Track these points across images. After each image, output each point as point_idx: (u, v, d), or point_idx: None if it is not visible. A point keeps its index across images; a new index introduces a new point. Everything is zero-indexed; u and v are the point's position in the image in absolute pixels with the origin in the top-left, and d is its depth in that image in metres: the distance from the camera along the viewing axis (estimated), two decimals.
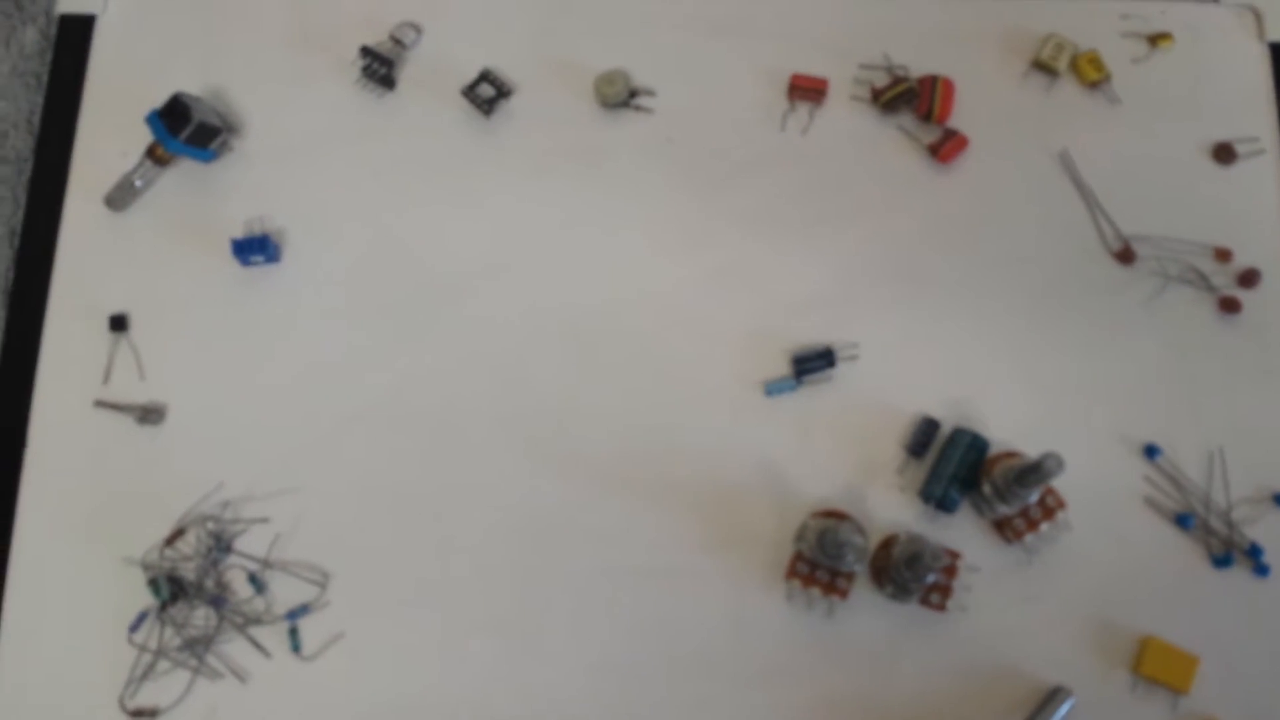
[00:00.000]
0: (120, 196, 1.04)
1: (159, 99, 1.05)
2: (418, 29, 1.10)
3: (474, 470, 1.00)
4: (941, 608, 0.95)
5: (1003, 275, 1.06)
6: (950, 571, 0.95)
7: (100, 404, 1.00)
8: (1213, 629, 0.97)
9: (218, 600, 0.93)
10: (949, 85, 1.08)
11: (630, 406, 1.02)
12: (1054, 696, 0.95)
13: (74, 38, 1.12)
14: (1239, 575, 0.98)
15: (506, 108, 1.09)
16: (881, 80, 1.09)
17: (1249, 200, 1.07)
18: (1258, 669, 0.96)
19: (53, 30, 1.14)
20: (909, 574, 0.90)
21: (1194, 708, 0.95)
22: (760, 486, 1.00)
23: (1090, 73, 1.09)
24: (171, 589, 0.92)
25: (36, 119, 1.12)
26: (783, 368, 1.03)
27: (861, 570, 0.96)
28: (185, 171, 1.07)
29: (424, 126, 1.09)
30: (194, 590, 0.93)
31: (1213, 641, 0.96)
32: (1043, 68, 1.10)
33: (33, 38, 1.15)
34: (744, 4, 1.13)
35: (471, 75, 1.08)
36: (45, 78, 1.13)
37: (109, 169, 1.06)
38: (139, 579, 0.95)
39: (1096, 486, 0.99)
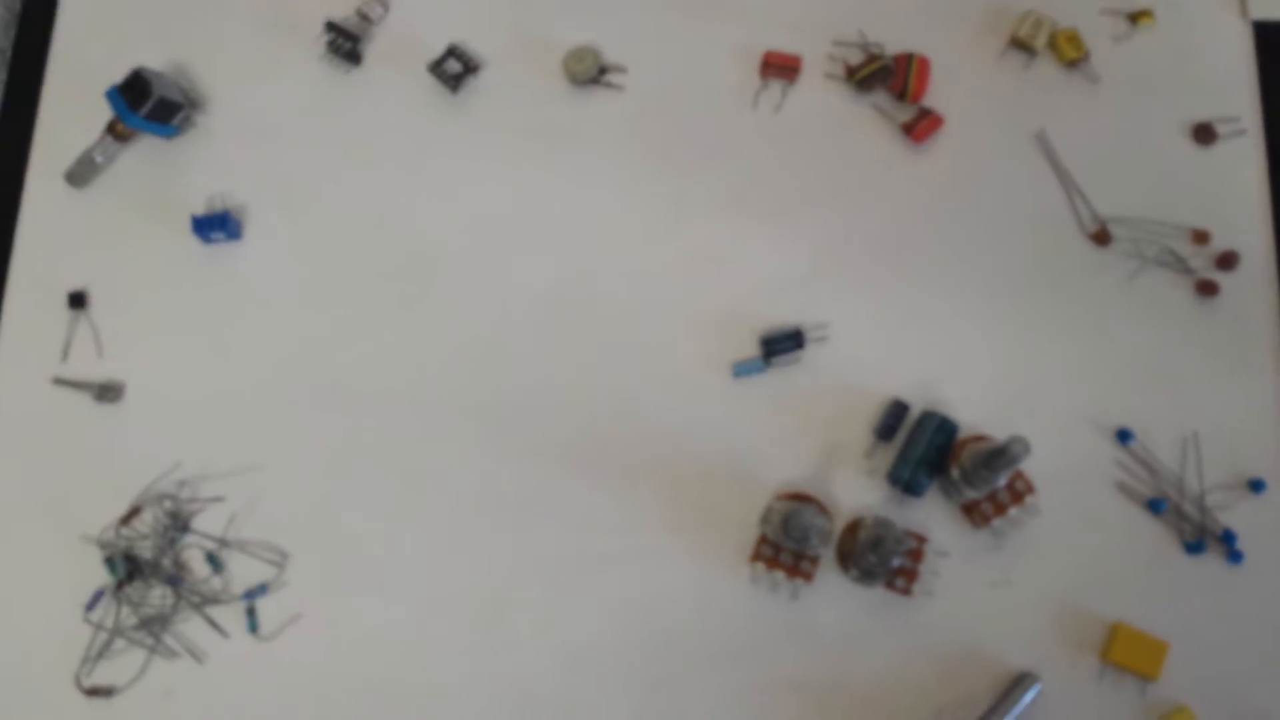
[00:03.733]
0: (81, 172, 1.02)
1: (121, 74, 1.04)
2: (385, 4, 1.08)
3: (437, 451, 0.99)
4: (907, 591, 0.93)
5: (976, 256, 1.04)
6: (916, 555, 0.94)
7: (58, 381, 0.99)
8: (1183, 615, 0.95)
9: (174, 579, 0.92)
10: (924, 63, 1.06)
11: (597, 387, 1.01)
12: (1020, 682, 0.93)
13: (38, 11, 1.10)
14: (1211, 562, 0.97)
15: (474, 84, 1.07)
16: (856, 58, 1.08)
17: (1229, 181, 1.05)
18: (1228, 656, 0.95)
19: (16, 4, 1.12)
20: (874, 558, 0.89)
21: (1163, 694, 0.94)
22: (727, 468, 0.99)
23: (1069, 51, 1.07)
24: (128, 567, 0.91)
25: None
26: (752, 349, 1.01)
27: (827, 553, 0.95)
28: (147, 148, 1.06)
29: (390, 103, 1.07)
30: (151, 569, 0.92)
31: (1183, 628, 0.95)
32: (1020, 45, 1.08)
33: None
34: None
35: (439, 50, 1.07)
36: (9, 53, 1.11)
37: (71, 145, 1.05)
38: (96, 557, 0.94)
39: (1068, 471, 0.98)
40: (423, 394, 1.00)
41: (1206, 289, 1.02)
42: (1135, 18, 1.09)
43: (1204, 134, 1.06)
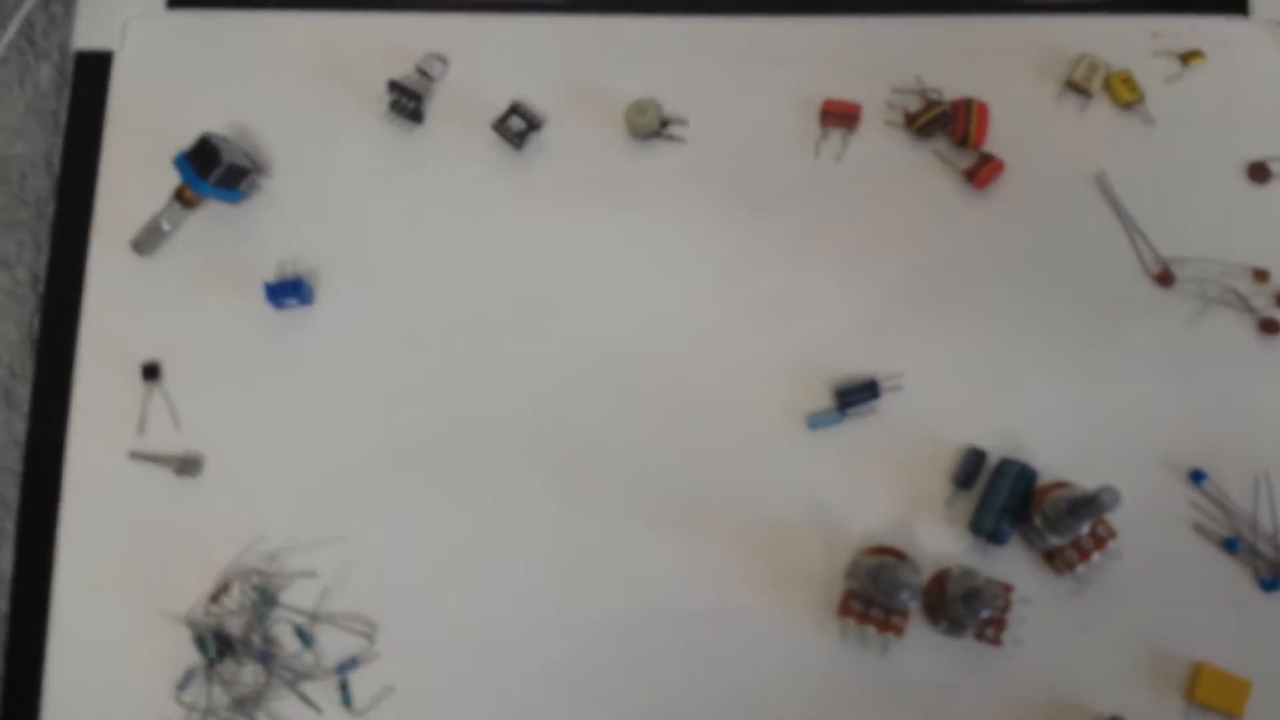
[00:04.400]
0: (148, 240, 1.02)
1: (182, 137, 1.03)
2: (444, 61, 1.08)
3: (517, 511, 0.99)
4: (997, 641, 0.94)
5: (1043, 300, 1.05)
6: (1004, 605, 0.94)
7: (136, 455, 0.98)
8: (1263, 652, 0.97)
9: (266, 656, 0.92)
10: (984, 109, 1.07)
11: (672, 442, 1.01)
12: None
13: (91, 74, 1.10)
14: None
15: (537, 139, 1.07)
16: (915, 104, 1.08)
17: None
18: None
19: (68, 67, 1.11)
20: (965, 610, 0.90)
21: None
22: (807, 522, 0.99)
23: (1124, 93, 1.08)
24: (218, 646, 0.91)
25: (56, 159, 1.09)
26: (824, 399, 1.02)
27: (914, 607, 0.96)
28: (212, 213, 1.05)
29: (454, 160, 1.07)
30: (241, 646, 0.91)
31: (1264, 664, 0.96)
32: (1076, 89, 1.09)
33: (48, 75, 1.13)
34: (772, 30, 1.11)
35: (500, 107, 1.07)
36: (63, 116, 1.10)
37: (133, 211, 1.04)
38: (183, 635, 0.93)
39: (1144, 513, 0.99)
40: (499, 453, 1.00)
41: (1269, 327, 1.04)
42: (1186, 58, 1.10)
43: (1259, 172, 1.08)
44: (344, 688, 0.91)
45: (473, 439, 1.00)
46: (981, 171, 1.06)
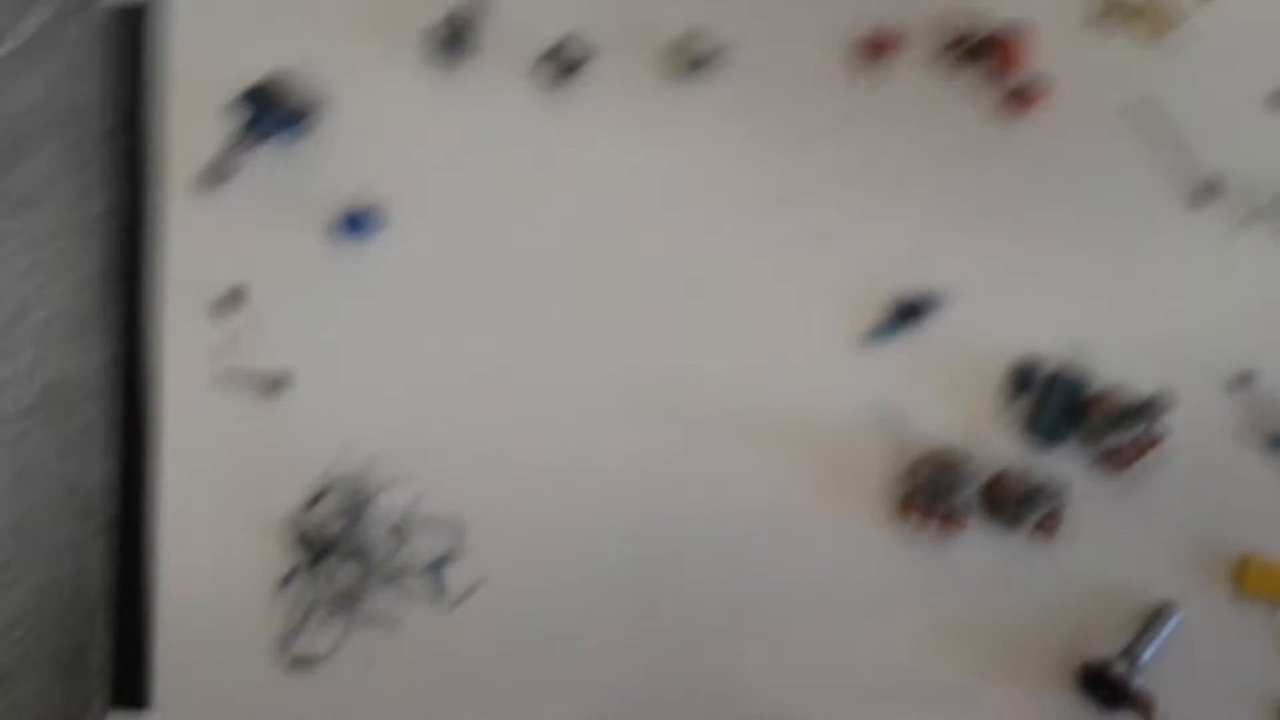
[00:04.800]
0: (216, 175, 1.06)
1: (238, 77, 1.07)
2: None
3: (592, 427, 1.04)
4: (1053, 532, 0.99)
5: (1085, 221, 1.09)
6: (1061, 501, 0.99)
7: (228, 374, 1.04)
8: None
9: (362, 555, 0.97)
10: (1025, 36, 1.11)
11: (737, 361, 1.06)
12: (1161, 612, 0.99)
13: (149, 18, 1.12)
14: None
15: (585, 73, 1.11)
16: (956, 31, 1.12)
17: None
18: None
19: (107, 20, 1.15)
20: (1026, 505, 0.95)
21: None
22: (869, 430, 1.04)
23: (1164, 17, 1.12)
24: (318, 548, 0.96)
25: (124, 100, 1.13)
26: (881, 316, 1.06)
27: (974, 504, 1.01)
28: (274, 149, 1.09)
29: (504, 95, 1.11)
30: (340, 547, 0.97)
31: None
32: (1115, 13, 1.13)
33: (102, 22, 1.16)
34: None
35: (548, 41, 1.10)
36: (116, 61, 1.13)
37: (198, 150, 1.08)
38: (283, 541, 0.99)
39: (1192, 417, 1.03)
40: (570, 372, 1.05)
41: None
42: None
43: None
44: (436, 581, 0.97)
45: (545, 359, 1.05)
46: (1022, 97, 1.10)
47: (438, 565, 0.98)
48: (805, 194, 1.09)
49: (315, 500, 0.99)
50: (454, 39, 1.09)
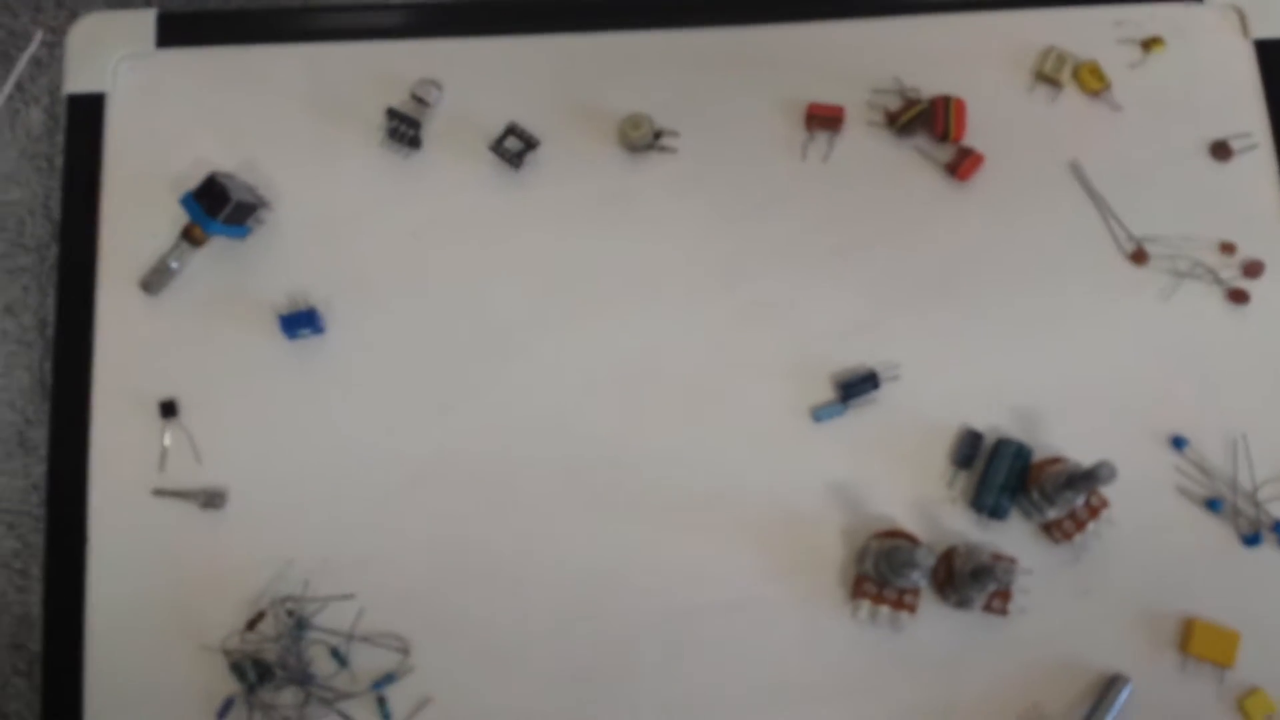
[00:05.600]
0: (156, 279, 1.03)
1: (181, 174, 1.05)
2: (439, 86, 1.10)
3: (537, 521, 1.02)
4: (1004, 611, 0.99)
5: (1026, 284, 1.10)
6: (1009, 577, 0.99)
7: (159, 492, 1.00)
8: (1249, 604, 1.03)
9: (304, 679, 0.94)
10: (961, 105, 1.11)
11: (684, 445, 1.05)
12: (1113, 684, 1.00)
13: (85, 117, 1.10)
14: (1268, 551, 1.04)
15: (534, 158, 1.10)
16: (895, 104, 1.13)
17: (1247, 194, 1.12)
18: None
19: (60, 110, 1.12)
20: (973, 584, 0.95)
21: (1239, 679, 1.01)
22: (819, 511, 1.03)
23: (1091, 82, 1.13)
24: (256, 672, 0.93)
25: (54, 203, 1.10)
26: (827, 393, 1.06)
27: (925, 584, 1.01)
28: (218, 248, 1.06)
29: (454, 183, 1.09)
30: (279, 671, 0.94)
31: (1250, 616, 1.02)
32: (1047, 80, 1.14)
33: (38, 119, 1.13)
34: (754, 39, 1.15)
35: (496, 128, 1.09)
36: (57, 160, 1.11)
37: (138, 251, 1.05)
38: (221, 665, 0.96)
39: (1132, 480, 1.03)
40: (516, 467, 1.03)
41: (1238, 297, 1.10)
42: (1147, 45, 1.16)
43: (1221, 150, 1.13)
44: (382, 703, 0.94)
45: (490, 454, 1.03)
46: (962, 164, 1.10)
47: (382, 685, 0.95)
48: (756, 268, 1.09)
49: (253, 622, 0.96)
50: (402, 132, 1.06)
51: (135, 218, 1.07)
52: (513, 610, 1.00)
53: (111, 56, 1.10)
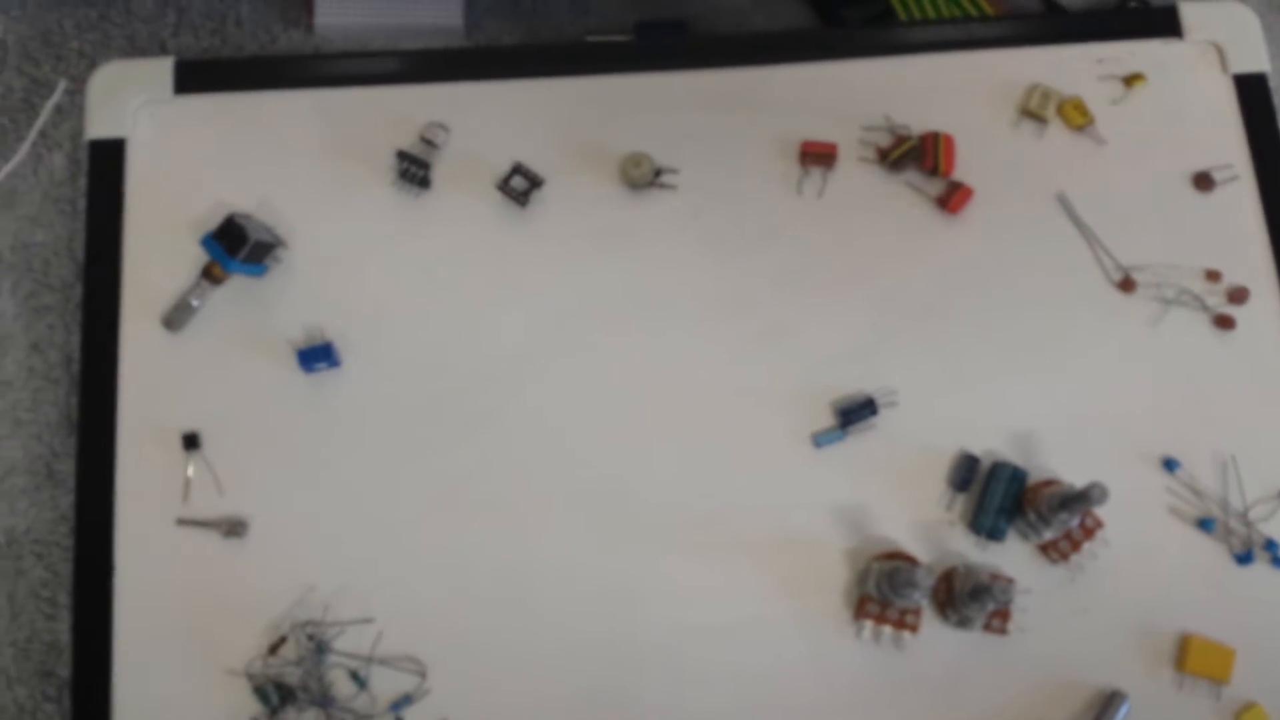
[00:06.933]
0: (178, 317, 1.07)
1: (200, 215, 1.09)
2: (446, 128, 1.15)
3: (547, 546, 1.05)
4: (1003, 631, 1.02)
5: (1017, 313, 1.14)
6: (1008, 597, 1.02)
7: (183, 522, 1.03)
8: (1242, 621, 1.05)
9: (324, 701, 0.97)
10: (950, 140, 1.16)
11: (689, 473, 1.08)
12: (1111, 701, 1.02)
13: (106, 161, 1.14)
14: (1260, 569, 1.07)
15: (540, 196, 1.14)
16: (886, 140, 1.17)
17: (1231, 223, 1.16)
18: None
19: (81, 156, 1.16)
20: (973, 604, 0.98)
21: (1236, 695, 1.04)
22: (821, 534, 1.06)
23: (1076, 118, 1.18)
24: (279, 695, 0.96)
25: (77, 245, 1.14)
26: (828, 420, 1.09)
27: (926, 604, 1.03)
28: (237, 286, 1.10)
29: (463, 221, 1.13)
30: (300, 694, 0.96)
31: (1245, 633, 1.05)
32: (1032, 116, 1.18)
33: (61, 164, 1.18)
34: (750, 79, 1.19)
35: (502, 168, 1.14)
36: (80, 203, 1.15)
37: (159, 290, 1.09)
38: (244, 689, 0.98)
39: (1126, 502, 1.07)
40: (526, 491, 1.06)
41: (1224, 323, 1.13)
42: (1129, 81, 1.20)
43: (1203, 182, 1.17)
44: None
45: (500, 480, 1.07)
46: (953, 198, 1.14)
47: (400, 707, 0.98)
48: (756, 300, 1.13)
49: (275, 646, 0.98)
50: (412, 173, 1.11)
51: (156, 257, 1.11)
52: (524, 632, 1.02)
53: (131, 103, 1.15)
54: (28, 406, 1.07)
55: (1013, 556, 1.06)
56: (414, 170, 1.11)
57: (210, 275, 1.06)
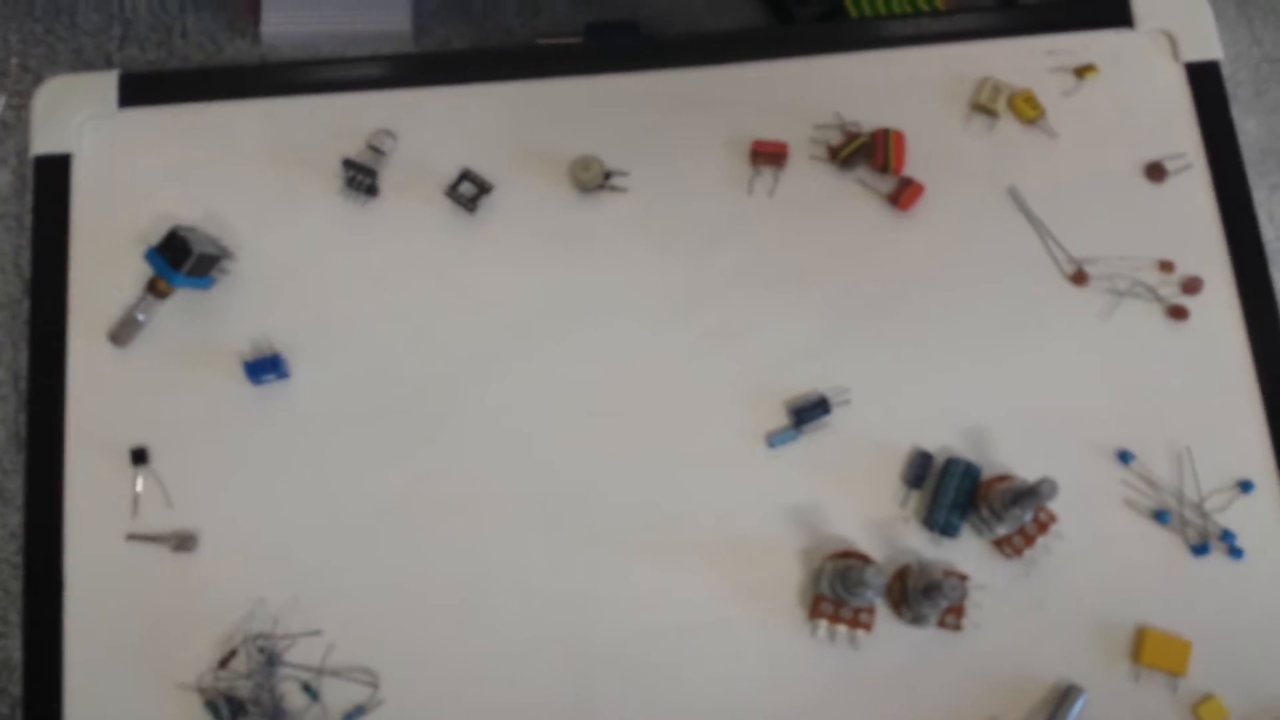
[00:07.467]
0: (124, 332, 1.06)
1: (147, 229, 1.08)
2: (393, 135, 1.14)
3: (500, 552, 1.05)
4: (957, 627, 1.02)
5: (970, 308, 1.13)
6: (962, 594, 1.02)
7: (133, 537, 1.03)
8: (1199, 612, 1.05)
9: (277, 714, 0.96)
10: (900, 137, 1.15)
11: (643, 473, 1.07)
12: (1068, 695, 1.02)
13: (52, 176, 1.14)
14: (1216, 560, 1.07)
15: (489, 202, 1.13)
16: (836, 138, 1.17)
17: (1183, 213, 1.16)
18: (1242, 643, 1.05)
19: (27, 171, 1.15)
20: (926, 602, 0.97)
21: (1193, 686, 1.04)
22: (776, 534, 1.06)
23: (1027, 111, 1.17)
24: (230, 708, 0.95)
25: (24, 261, 1.13)
26: (781, 419, 1.09)
27: (880, 602, 1.03)
28: (183, 299, 1.10)
29: (411, 228, 1.13)
30: (252, 707, 0.96)
31: (1201, 624, 1.05)
32: (983, 110, 1.18)
33: (7, 180, 1.17)
34: (698, 80, 1.19)
35: (451, 174, 1.13)
36: (26, 219, 1.14)
37: (107, 305, 1.09)
38: (195, 703, 0.98)
39: (1080, 495, 1.07)
40: (479, 501, 1.06)
41: (1177, 314, 1.13)
42: (1081, 72, 1.20)
43: (1156, 172, 1.17)
44: None
45: (452, 487, 1.06)
46: (903, 194, 1.14)
47: (352, 718, 0.97)
48: (708, 300, 1.12)
49: (226, 660, 0.98)
50: (359, 180, 1.10)
51: (103, 272, 1.10)
52: (477, 640, 1.02)
53: (76, 118, 1.14)
54: None
55: (967, 552, 1.06)
56: (361, 178, 1.11)
57: (155, 290, 1.05)
